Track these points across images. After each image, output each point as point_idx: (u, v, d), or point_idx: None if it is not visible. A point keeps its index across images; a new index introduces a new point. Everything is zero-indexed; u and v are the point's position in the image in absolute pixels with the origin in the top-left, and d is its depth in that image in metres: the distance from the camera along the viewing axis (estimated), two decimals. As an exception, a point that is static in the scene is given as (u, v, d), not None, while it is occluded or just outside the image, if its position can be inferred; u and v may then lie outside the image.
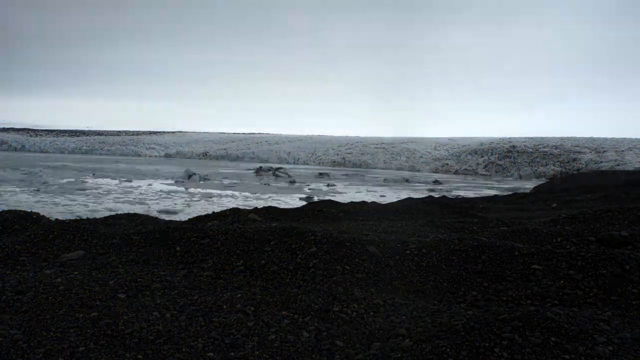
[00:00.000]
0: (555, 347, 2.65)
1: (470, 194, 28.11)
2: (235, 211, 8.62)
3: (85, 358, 2.81)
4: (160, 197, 22.84)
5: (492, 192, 28.63)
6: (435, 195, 22.62)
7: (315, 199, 22.00)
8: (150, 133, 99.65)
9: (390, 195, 24.64)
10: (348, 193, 27.00)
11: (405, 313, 3.57)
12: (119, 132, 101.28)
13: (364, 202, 15.84)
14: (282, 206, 13.21)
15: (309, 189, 29.15)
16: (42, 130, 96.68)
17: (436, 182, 39.43)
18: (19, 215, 6.61)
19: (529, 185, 36.22)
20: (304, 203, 16.87)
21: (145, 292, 3.90)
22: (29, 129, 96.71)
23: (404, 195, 23.40)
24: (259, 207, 9.58)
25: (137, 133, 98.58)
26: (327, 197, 21.44)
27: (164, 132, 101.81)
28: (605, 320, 3.12)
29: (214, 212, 8.88)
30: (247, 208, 9.74)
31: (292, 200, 22.15)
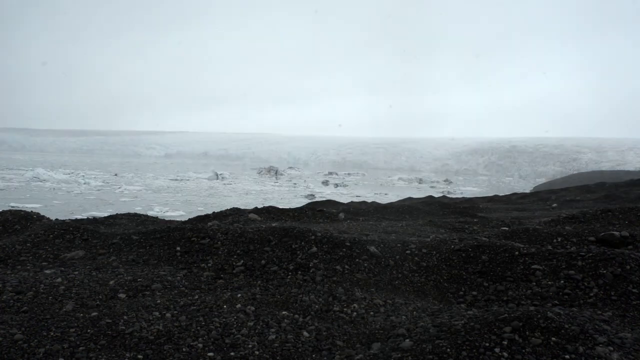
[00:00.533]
0: (555, 347, 2.65)
1: (486, 192, 28.48)
2: (235, 211, 8.62)
3: (86, 358, 2.81)
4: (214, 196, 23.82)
5: (504, 192, 28.94)
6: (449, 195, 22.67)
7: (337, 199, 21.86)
8: (151, 133, 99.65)
9: (407, 195, 24.70)
10: (360, 193, 27.08)
11: (406, 313, 3.57)
12: (119, 132, 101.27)
13: (364, 202, 15.85)
14: (288, 206, 13.24)
15: (320, 189, 29.34)
16: (42, 130, 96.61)
17: (447, 180, 40.72)
18: (20, 215, 6.61)
19: (529, 185, 36.37)
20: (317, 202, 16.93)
21: (145, 292, 3.90)
22: (29, 129, 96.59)
23: (424, 194, 23.57)
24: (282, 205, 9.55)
25: (137, 133, 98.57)
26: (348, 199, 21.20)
27: (164, 132, 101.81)
28: (605, 320, 3.12)
29: (214, 212, 8.88)
30: (248, 208, 9.73)
31: (307, 200, 22.13)
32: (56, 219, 6.91)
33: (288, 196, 28.86)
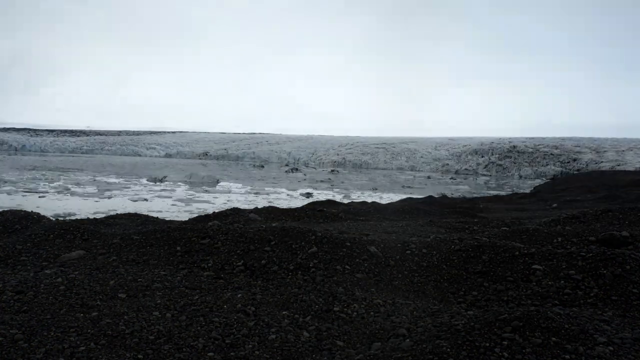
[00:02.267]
0: (555, 347, 2.65)
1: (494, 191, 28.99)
2: (235, 211, 8.63)
3: (86, 358, 2.81)
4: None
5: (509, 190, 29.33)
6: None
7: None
8: (151, 133, 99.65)
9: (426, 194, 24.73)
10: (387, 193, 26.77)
11: (406, 313, 3.57)
12: (119, 132, 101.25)
13: (364, 202, 15.85)
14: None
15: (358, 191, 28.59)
16: (42, 130, 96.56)
17: (453, 178, 43.25)
18: (20, 215, 6.61)
19: (529, 184, 36.65)
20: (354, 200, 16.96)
21: (145, 292, 3.90)
22: (29, 129, 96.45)
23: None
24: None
25: (137, 133, 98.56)
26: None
27: (164, 132, 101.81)
28: (605, 320, 3.12)
29: (214, 212, 8.88)
30: (248, 207, 9.73)
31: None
32: (56, 219, 6.91)
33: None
